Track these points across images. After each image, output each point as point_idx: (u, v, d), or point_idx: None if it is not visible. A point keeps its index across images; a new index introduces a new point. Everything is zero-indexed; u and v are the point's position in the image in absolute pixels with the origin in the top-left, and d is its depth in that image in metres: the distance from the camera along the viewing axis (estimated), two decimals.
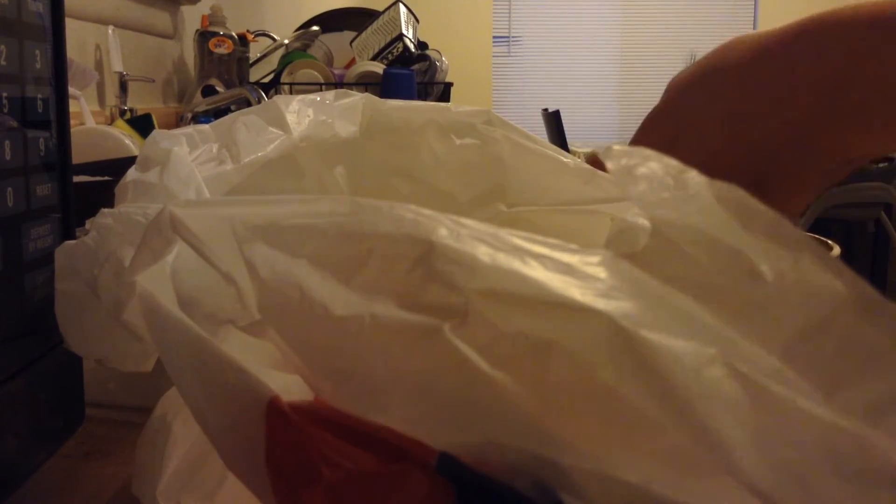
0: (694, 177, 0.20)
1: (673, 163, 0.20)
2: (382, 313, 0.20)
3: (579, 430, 0.19)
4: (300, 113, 0.43)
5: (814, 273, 0.17)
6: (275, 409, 0.21)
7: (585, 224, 0.42)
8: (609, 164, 0.21)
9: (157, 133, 0.39)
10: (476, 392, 0.19)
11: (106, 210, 0.33)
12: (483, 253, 0.19)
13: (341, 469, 0.20)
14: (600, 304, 0.18)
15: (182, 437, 0.31)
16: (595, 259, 0.19)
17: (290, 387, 0.23)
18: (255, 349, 0.26)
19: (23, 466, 0.37)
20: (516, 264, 0.19)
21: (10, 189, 0.35)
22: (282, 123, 0.42)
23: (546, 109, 3.73)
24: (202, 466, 0.31)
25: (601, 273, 0.19)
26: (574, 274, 0.19)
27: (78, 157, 0.42)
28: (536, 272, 0.19)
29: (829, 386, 0.16)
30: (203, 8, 1.70)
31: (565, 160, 0.44)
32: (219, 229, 0.23)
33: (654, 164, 0.21)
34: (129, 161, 0.38)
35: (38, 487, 0.39)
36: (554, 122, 3.61)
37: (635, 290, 0.18)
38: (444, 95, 1.78)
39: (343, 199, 0.23)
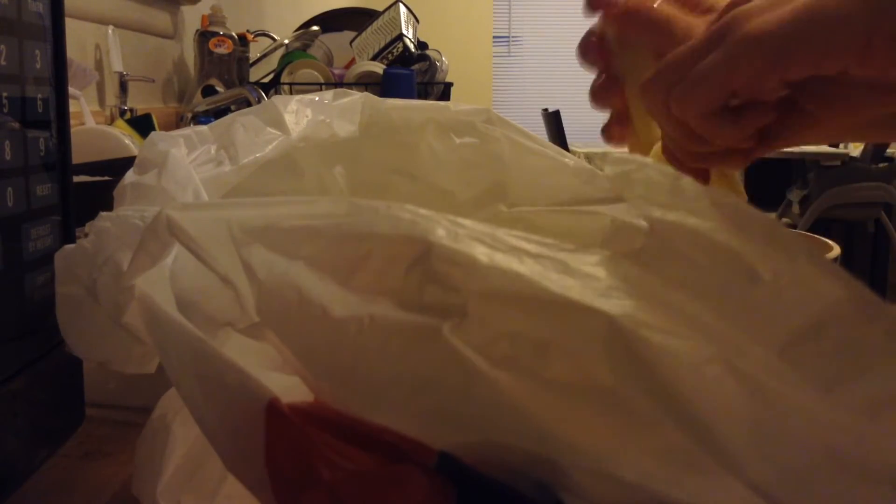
0: (689, 183, 0.20)
1: (669, 170, 0.21)
2: (381, 314, 0.20)
3: (578, 429, 0.19)
4: (298, 113, 0.43)
5: (810, 274, 0.18)
6: (274, 411, 0.21)
7: (585, 224, 0.42)
8: (606, 169, 0.21)
9: (154, 135, 0.39)
10: (475, 392, 0.19)
11: (104, 214, 0.33)
12: (481, 253, 0.19)
13: (341, 470, 0.20)
14: (599, 303, 0.18)
15: (182, 437, 0.31)
16: (593, 259, 0.19)
17: (289, 388, 0.23)
18: (255, 351, 0.26)
19: (23, 466, 0.37)
20: (514, 264, 0.19)
21: (10, 189, 0.35)
22: (280, 124, 0.42)
23: (546, 109, 3.73)
24: (202, 466, 0.31)
25: (600, 273, 0.19)
26: (572, 274, 0.19)
27: (78, 157, 0.42)
28: (534, 272, 0.19)
29: (827, 384, 0.16)
30: (203, 8, 1.69)
31: (565, 160, 0.44)
32: (216, 232, 0.23)
33: (651, 171, 0.21)
34: (129, 161, 0.38)
35: (38, 487, 0.39)
36: (554, 122, 3.61)
37: (634, 290, 0.18)
38: (444, 95, 1.78)
39: (340, 200, 0.23)
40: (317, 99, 0.45)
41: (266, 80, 1.77)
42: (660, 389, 0.17)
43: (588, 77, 0.49)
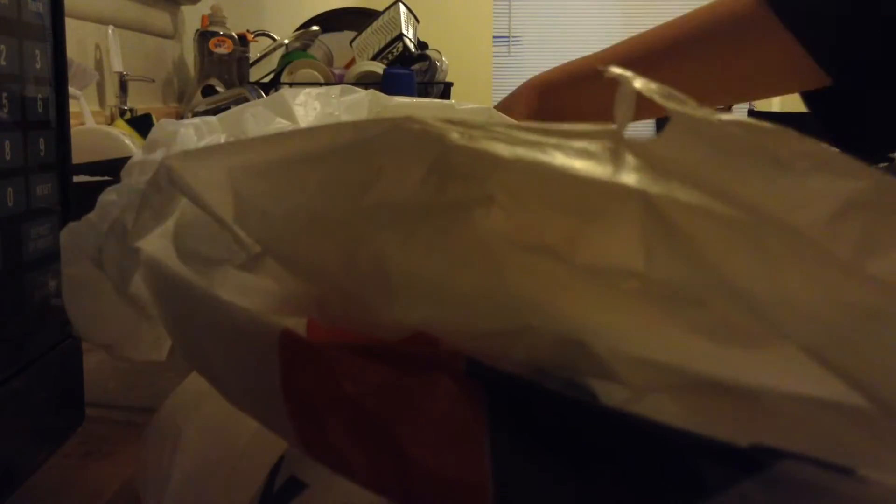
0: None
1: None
2: (401, 216, 0.20)
3: (614, 313, 0.19)
4: (307, 105, 0.43)
5: (831, 163, 0.18)
6: (289, 337, 0.21)
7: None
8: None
9: (164, 120, 0.39)
10: (507, 276, 0.19)
11: (110, 188, 0.32)
12: (500, 148, 0.19)
13: (365, 383, 0.20)
14: (632, 183, 0.17)
15: (192, 440, 0.31)
16: (618, 143, 0.19)
17: (294, 328, 0.22)
18: (254, 293, 0.26)
19: (23, 466, 0.37)
20: (538, 154, 0.19)
21: (10, 189, 0.35)
22: (289, 115, 0.42)
23: None
24: (213, 477, 0.30)
25: (628, 158, 0.18)
26: (598, 160, 0.18)
27: (78, 157, 0.42)
28: (560, 159, 0.18)
29: (859, 257, 0.16)
30: (203, 8, 1.69)
31: None
32: (217, 177, 0.23)
33: None
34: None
35: (38, 487, 0.39)
36: None
37: (664, 171, 0.18)
38: (445, 95, 1.78)
39: (342, 125, 0.22)
40: (324, 92, 0.45)
41: (266, 80, 1.77)
42: (699, 264, 0.17)
43: None
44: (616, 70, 0.20)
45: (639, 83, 0.19)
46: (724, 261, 0.17)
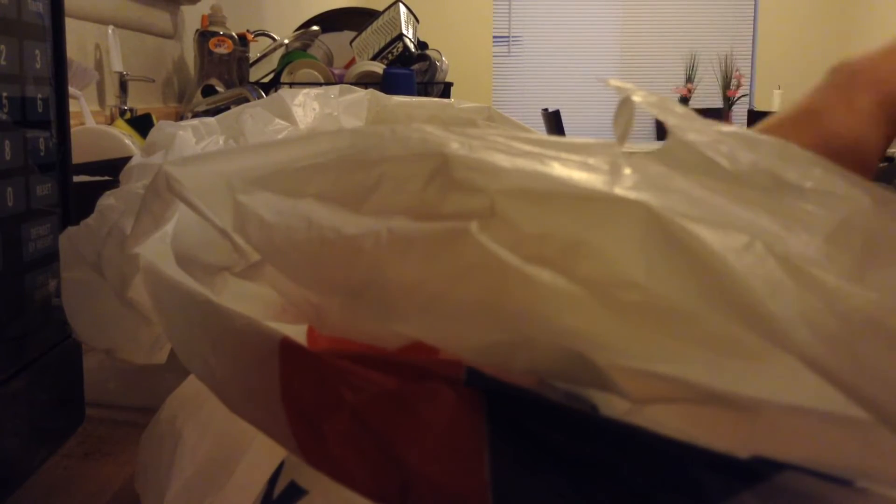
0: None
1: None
2: (400, 226, 0.20)
3: (613, 326, 0.19)
4: (306, 106, 0.43)
5: (828, 180, 0.18)
6: (289, 345, 0.21)
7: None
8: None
9: (162, 122, 0.39)
10: (507, 289, 0.19)
11: (108, 192, 0.32)
12: (500, 159, 0.19)
13: (365, 392, 0.20)
14: (632, 195, 0.17)
15: (193, 445, 0.31)
16: (616, 157, 0.19)
17: (294, 336, 0.22)
18: (254, 300, 0.26)
19: (23, 466, 0.37)
20: (537, 165, 0.19)
21: (10, 189, 0.35)
22: (288, 115, 0.42)
23: (546, 109, 3.73)
24: (214, 483, 0.30)
25: (626, 170, 0.18)
26: (598, 171, 0.18)
27: (78, 157, 0.42)
28: (559, 171, 0.18)
29: (859, 272, 0.16)
30: (203, 8, 1.69)
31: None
32: (215, 184, 0.23)
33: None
34: (129, 161, 0.38)
35: (38, 487, 0.39)
36: (554, 122, 3.61)
37: (664, 185, 0.18)
38: (445, 95, 1.78)
39: (341, 132, 0.22)
40: (323, 92, 0.45)
41: (266, 80, 1.77)
42: (700, 276, 0.17)
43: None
44: (615, 83, 0.20)
45: (638, 96, 0.19)
46: (724, 273, 0.17)
